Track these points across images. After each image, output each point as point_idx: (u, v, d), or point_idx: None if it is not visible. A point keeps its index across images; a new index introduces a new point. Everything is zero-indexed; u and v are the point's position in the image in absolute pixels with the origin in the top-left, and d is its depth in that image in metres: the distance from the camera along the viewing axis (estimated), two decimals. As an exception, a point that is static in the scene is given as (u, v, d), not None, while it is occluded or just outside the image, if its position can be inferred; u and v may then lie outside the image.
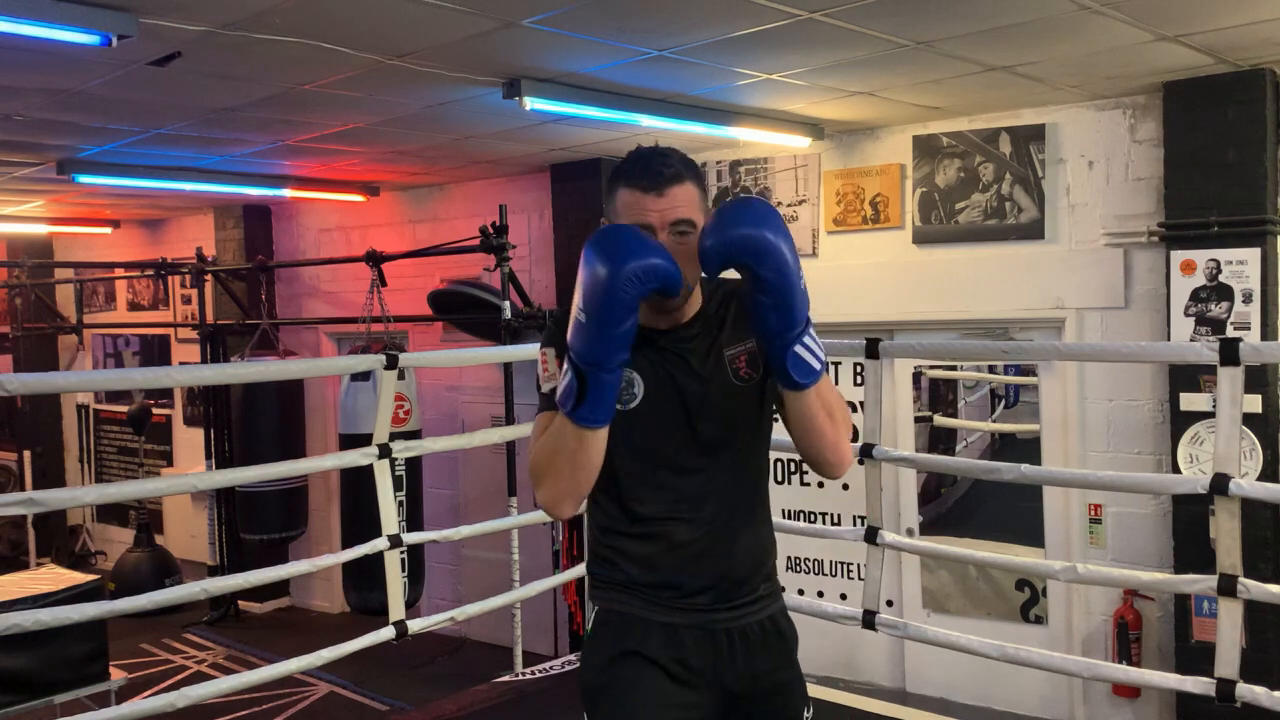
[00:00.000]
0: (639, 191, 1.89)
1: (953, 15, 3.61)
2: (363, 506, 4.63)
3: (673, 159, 1.92)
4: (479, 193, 7.25)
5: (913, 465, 5.25)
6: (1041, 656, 3.53)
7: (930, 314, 5.46)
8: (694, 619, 2.01)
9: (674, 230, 1.88)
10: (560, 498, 1.92)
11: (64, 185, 6.91)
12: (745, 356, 2.01)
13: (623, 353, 1.79)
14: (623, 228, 1.85)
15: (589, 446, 1.86)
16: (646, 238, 1.81)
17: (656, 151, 1.94)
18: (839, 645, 5.83)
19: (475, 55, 3.94)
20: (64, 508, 9.05)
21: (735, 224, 1.77)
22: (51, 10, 3.12)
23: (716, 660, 2.01)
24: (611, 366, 1.79)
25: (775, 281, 1.77)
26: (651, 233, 1.87)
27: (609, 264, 1.74)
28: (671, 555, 2.01)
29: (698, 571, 2.01)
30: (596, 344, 1.77)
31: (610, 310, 1.75)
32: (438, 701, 4.25)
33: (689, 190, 1.91)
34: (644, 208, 1.88)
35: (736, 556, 2.03)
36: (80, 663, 4.95)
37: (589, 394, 1.79)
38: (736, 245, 1.76)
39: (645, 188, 1.89)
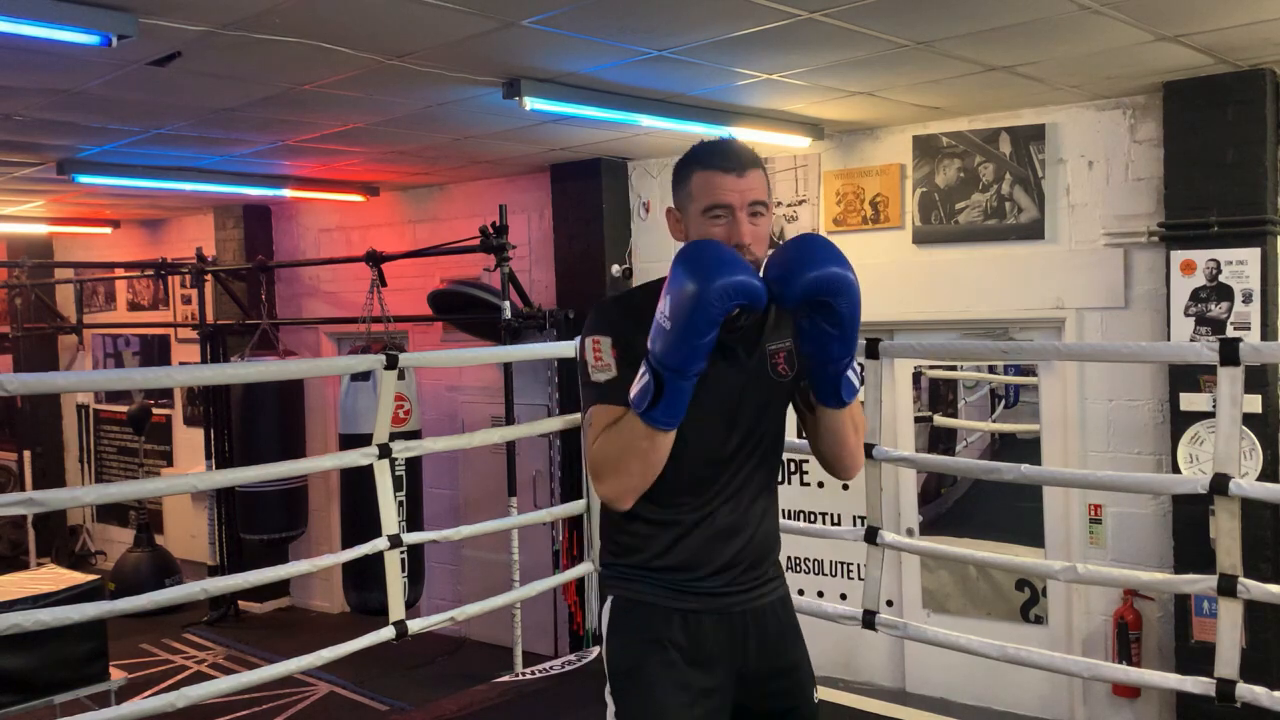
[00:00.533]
0: (720, 172, 1.98)
1: (953, 15, 3.61)
2: (363, 506, 4.62)
3: (747, 146, 2.04)
4: (479, 193, 7.25)
5: (913, 465, 5.24)
6: (1041, 656, 3.53)
7: (930, 314, 5.46)
8: (712, 604, 2.08)
9: (751, 210, 1.98)
10: (626, 493, 1.99)
11: (64, 185, 6.91)
12: (784, 354, 2.09)
13: (702, 361, 1.86)
14: (716, 244, 1.91)
15: (660, 447, 1.93)
16: (737, 255, 1.89)
17: (730, 140, 2.06)
18: (839, 645, 5.83)
19: (475, 55, 3.94)
20: (64, 508, 9.05)
21: (820, 261, 1.87)
22: (51, 10, 3.12)
23: (733, 643, 2.09)
24: (691, 374, 1.86)
25: (849, 316, 1.90)
26: (730, 212, 1.96)
27: (701, 277, 1.81)
28: (699, 542, 2.08)
29: (722, 557, 2.08)
30: (679, 351, 1.83)
31: (697, 321, 1.81)
32: (438, 701, 4.24)
33: (763, 175, 2.02)
34: (725, 187, 1.97)
35: (756, 541, 2.13)
36: (80, 663, 4.95)
37: (665, 398, 1.86)
38: (823, 282, 1.86)
39: (726, 169, 1.98)
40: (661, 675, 2.06)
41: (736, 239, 1.96)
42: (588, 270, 6.47)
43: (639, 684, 2.08)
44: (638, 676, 2.08)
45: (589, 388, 2.03)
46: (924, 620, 5.41)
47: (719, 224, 1.98)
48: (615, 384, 1.97)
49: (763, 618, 2.13)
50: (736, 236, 1.96)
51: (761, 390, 2.08)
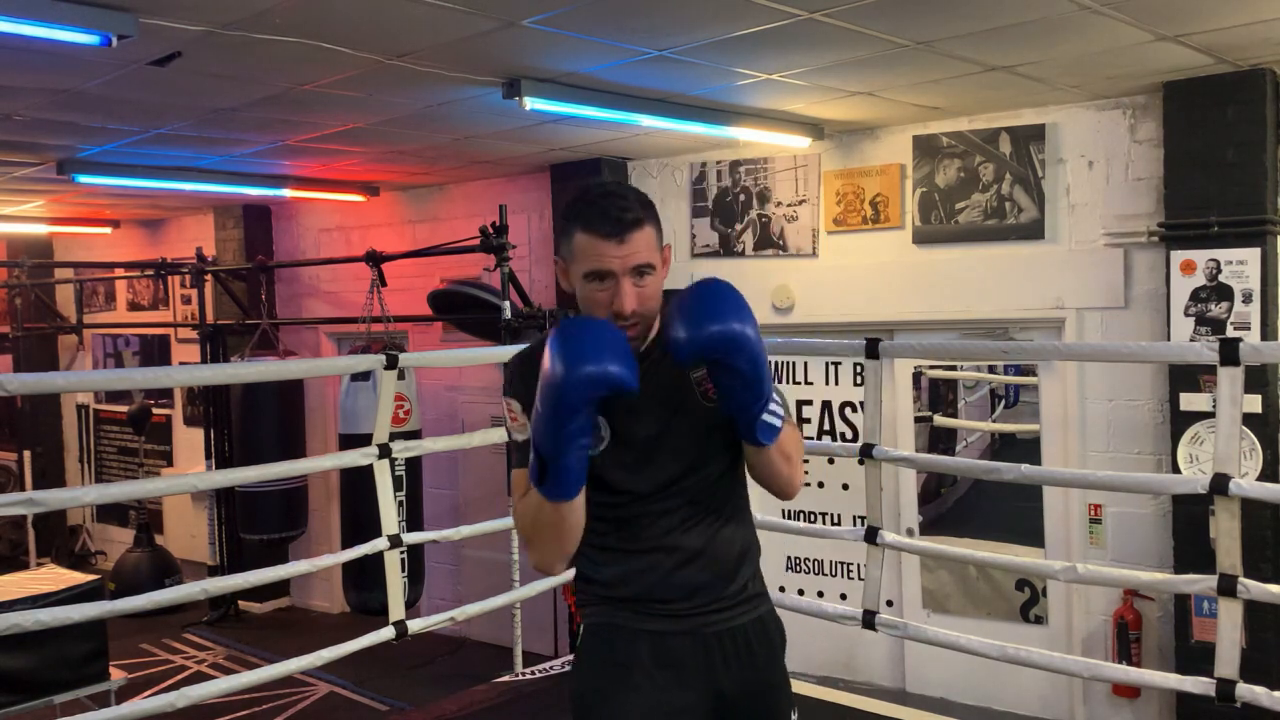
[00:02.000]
0: (599, 238, 1.87)
1: (953, 15, 3.61)
2: (363, 506, 4.63)
3: (631, 202, 1.91)
4: (479, 193, 7.25)
5: (913, 465, 5.24)
6: (1041, 656, 3.53)
7: (930, 314, 5.46)
8: (682, 625, 2.03)
9: (635, 274, 1.89)
10: (550, 561, 1.96)
11: (64, 185, 6.91)
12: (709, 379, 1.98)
13: (579, 440, 1.80)
14: (587, 325, 1.84)
15: (567, 515, 1.89)
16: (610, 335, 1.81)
17: (614, 194, 1.92)
18: (839, 645, 5.83)
19: (475, 55, 3.94)
20: (64, 508, 9.05)
21: (707, 319, 1.80)
22: (51, 10, 3.12)
23: (707, 663, 2.03)
24: (569, 454, 1.80)
25: (749, 371, 1.83)
26: (614, 279, 1.88)
27: (564, 365, 1.75)
28: (654, 574, 2.03)
29: (681, 585, 2.03)
30: (551, 438, 1.79)
31: (561, 410, 1.76)
32: (438, 701, 4.25)
33: (648, 234, 1.90)
34: (605, 254, 1.87)
35: (721, 561, 2.06)
36: (80, 663, 4.95)
37: (550, 476, 1.82)
38: (712, 343, 1.79)
39: (605, 234, 1.87)
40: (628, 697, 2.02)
41: (619, 307, 1.88)
42: (588, 270, 6.46)
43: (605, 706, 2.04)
44: (602, 699, 2.04)
45: (510, 448, 2.03)
46: (924, 620, 5.41)
47: (602, 289, 1.90)
48: (526, 447, 1.91)
49: (738, 638, 2.06)
50: (619, 304, 1.88)
51: (693, 418, 2.00)
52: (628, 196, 1.92)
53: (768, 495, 2.15)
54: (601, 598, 2.09)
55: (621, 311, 1.89)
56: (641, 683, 2.02)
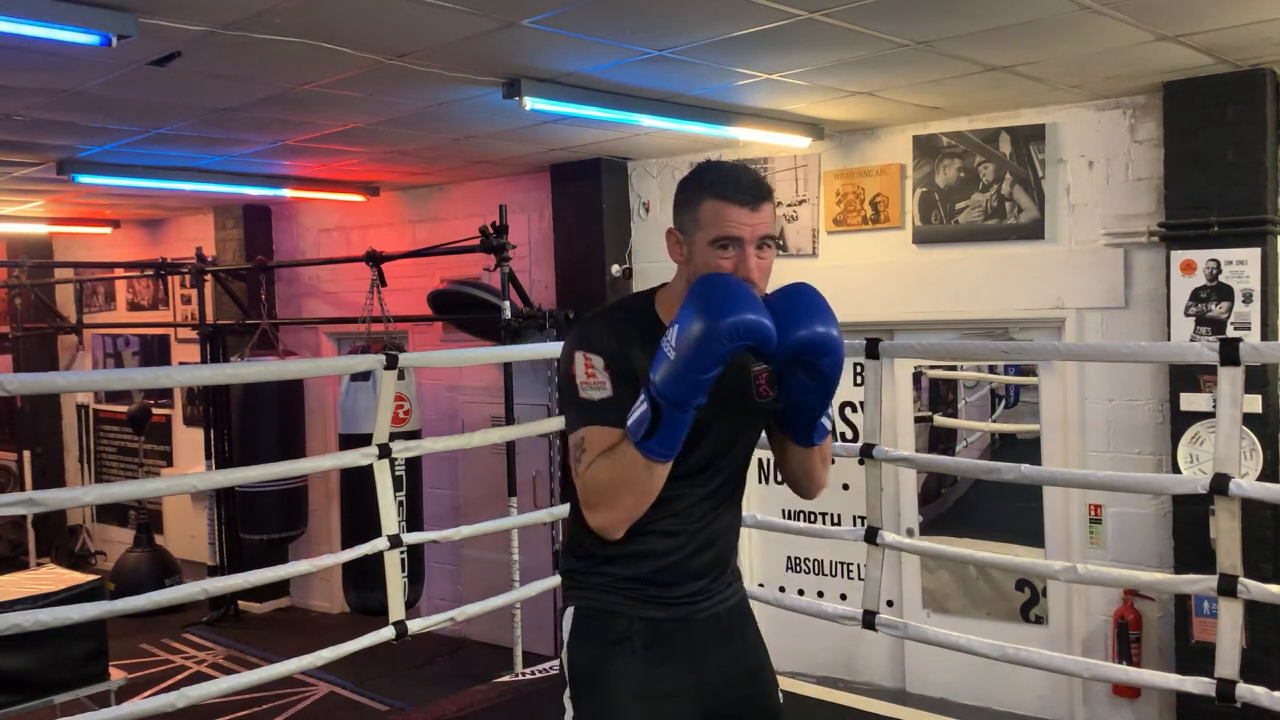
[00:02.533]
0: (734, 205, 1.91)
1: (953, 15, 3.61)
2: (363, 506, 4.62)
3: (760, 176, 1.99)
4: (479, 193, 7.25)
5: (913, 465, 5.24)
6: (1041, 656, 3.53)
7: (930, 314, 5.46)
8: (676, 612, 2.08)
9: (760, 244, 1.94)
10: (620, 524, 1.96)
11: (64, 185, 6.91)
12: (767, 375, 2.05)
13: (703, 396, 1.83)
14: (730, 279, 1.87)
15: (657, 477, 1.90)
16: (751, 292, 1.85)
17: (742, 167, 2.00)
18: (839, 645, 5.83)
19: (475, 55, 3.94)
20: (64, 508, 9.05)
21: (809, 320, 1.88)
22: (51, 10, 3.12)
23: (697, 648, 2.09)
24: (690, 407, 1.83)
25: (831, 375, 1.93)
26: (739, 245, 1.92)
27: (712, 313, 1.78)
28: (673, 556, 2.06)
29: (693, 569, 2.09)
30: (680, 384, 1.80)
31: (702, 357, 1.79)
32: (438, 701, 4.25)
33: (771, 208, 1.99)
34: (738, 220, 1.91)
35: (723, 551, 2.15)
36: (80, 663, 4.94)
37: (662, 430, 1.83)
38: (811, 343, 1.88)
39: (741, 201, 1.91)
40: (621, 679, 2.04)
41: (744, 273, 1.91)
42: (588, 270, 6.47)
43: (598, 688, 2.06)
44: (597, 681, 2.06)
45: (579, 406, 1.95)
46: (924, 620, 5.41)
47: (726, 257, 1.92)
48: (610, 404, 1.91)
49: (725, 621, 2.14)
50: (744, 271, 1.91)
51: (741, 409, 2.06)
52: (754, 171, 2.01)
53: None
54: (599, 581, 2.08)
55: (749, 276, 1.91)
56: (633, 665, 2.04)
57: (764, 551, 6.09)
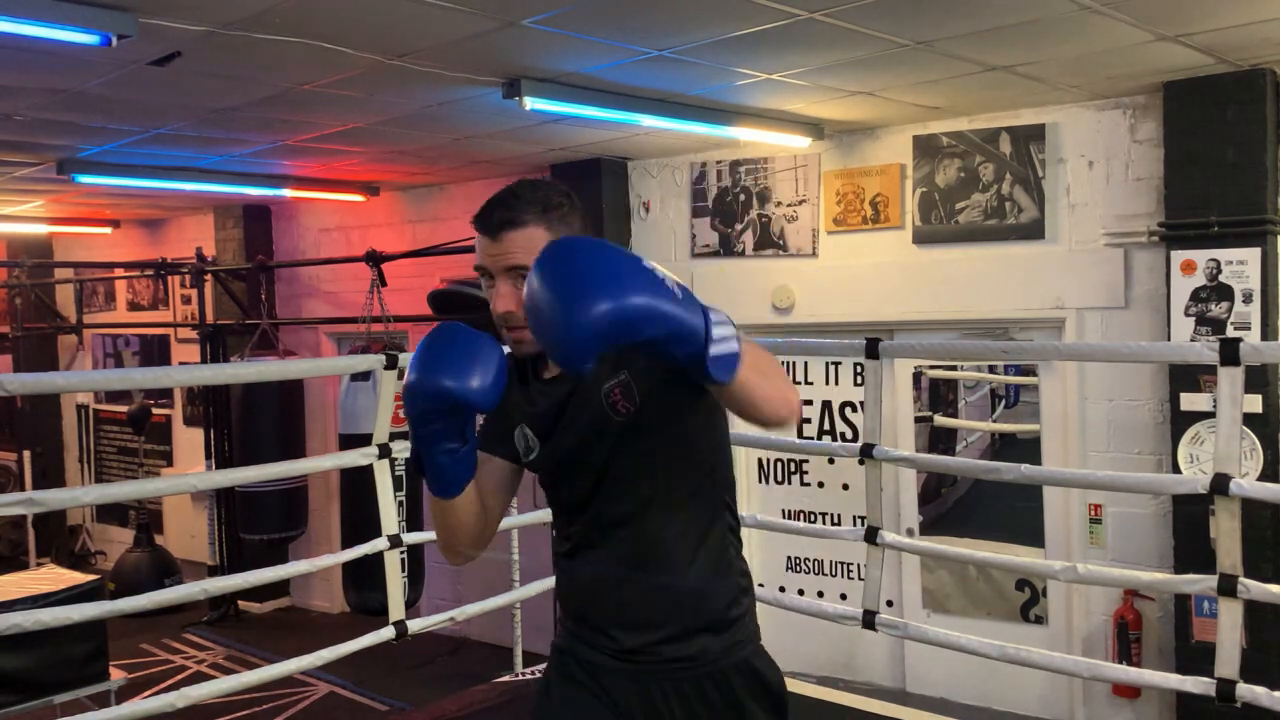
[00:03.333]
0: (480, 234, 1.83)
1: (953, 15, 3.61)
2: (363, 506, 4.62)
3: (518, 200, 1.80)
4: (479, 193, 7.20)
5: (913, 465, 5.24)
6: (1041, 656, 3.53)
7: (930, 314, 5.46)
8: (618, 665, 1.93)
9: (510, 275, 1.80)
10: (444, 551, 2.01)
11: (64, 185, 6.91)
12: (619, 390, 1.82)
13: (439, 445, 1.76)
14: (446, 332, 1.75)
15: (448, 513, 1.88)
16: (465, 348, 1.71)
17: (508, 191, 1.83)
18: (839, 645, 5.83)
19: (475, 55, 3.94)
20: (64, 508, 9.05)
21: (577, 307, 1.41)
22: (51, 10, 3.12)
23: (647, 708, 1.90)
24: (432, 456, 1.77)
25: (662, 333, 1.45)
26: (489, 278, 1.83)
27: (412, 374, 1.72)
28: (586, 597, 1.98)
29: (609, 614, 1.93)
30: (416, 441, 1.78)
31: (410, 416, 1.75)
32: (438, 701, 4.25)
33: (529, 234, 1.78)
34: (483, 251, 1.83)
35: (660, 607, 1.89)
36: (80, 663, 4.94)
37: (427, 474, 1.82)
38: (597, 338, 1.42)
39: (484, 230, 1.82)
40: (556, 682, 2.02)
41: (496, 307, 1.82)
42: (588, 270, 6.46)
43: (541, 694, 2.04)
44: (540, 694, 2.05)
45: None
46: (924, 620, 5.41)
47: (488, 289, 1.84)
48: None
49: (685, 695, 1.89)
50: (493, 304, 1.82)
51: (607, 432, 1.84)
52: (520, 196, 1.81)
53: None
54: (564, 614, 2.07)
55: (496, 309, 1.82)
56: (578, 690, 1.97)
57: (764, 551, 6.09)
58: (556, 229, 1.82)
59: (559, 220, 1.84)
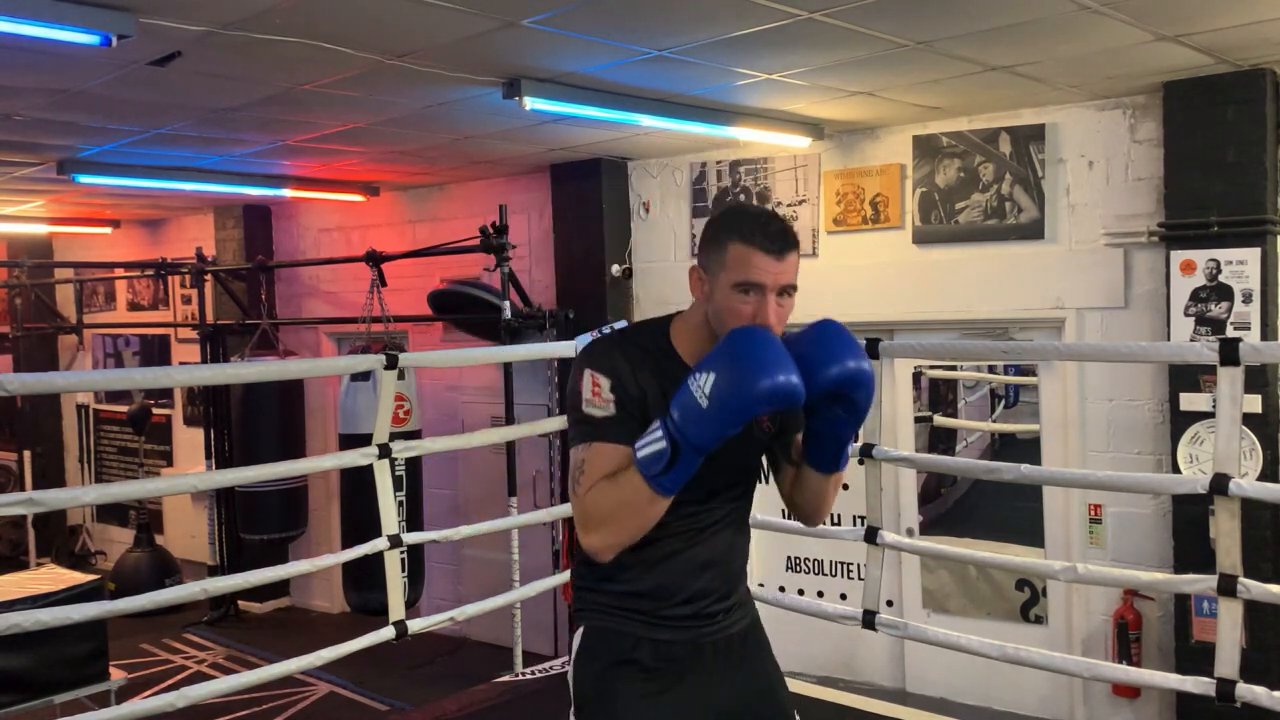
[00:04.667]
0: (760, 251, 1.94)
1: (953, 15, 3.61)
2: (363, 506, 4.62)
3: (788, 224, 2.01)
4: (479, 193, 7.24)
5: (913, 465, 5.24)
6: (1041, 656, 3.53)
7: (930, 314, 5.46)
8: (682, 634, 2.10)
9: (782, 293, 1.97)
10: (613, 549, 1.99)
11: (64, 185, 6.91)
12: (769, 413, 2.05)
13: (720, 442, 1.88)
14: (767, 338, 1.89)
15: (659, 509, 1.94)
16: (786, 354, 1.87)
17: (771, 213, 2.03)
18: (839, 645, 5.83)
19: (475, 55, 3.94)
20: (64, 508, 9.04)
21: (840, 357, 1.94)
22: (51, 10, 3.12)
23: (708, 672, 2.12)
24: (707, 449, 1.87)
25: (864, 406, 1.99)
26: (761, 291, 1.94)
27: (750, 373, 1.82)
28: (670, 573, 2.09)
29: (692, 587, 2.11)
30: (708, 433, 1.85)
31: (735, 413, 1.84)
32: (438, 701, 4.25)
33: (796, 257, 2.00)
34: (763, 268, 1.94)
35: (726, 574, 2.17)
36: (80, 663, 4.95)
37: (677, 469, 1.87)
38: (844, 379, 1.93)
39: (767, 249, 1.94)
40: (627, 698, 2.06)
41: (762, 319, 1.94)
42: (588, 270, 6.47)
43: (604, 707, 2.08)
44: (603, 700, 2.08)
45: (584, 422, 2.00)
46: (924, 620, 5.41)
47: (747, 301, 1.95)
48: (613, 423, 1.97)
49: (735, 646, 2.17)
50: (763, 317, 1.94)
51: (744, 442, 2.04)
52: (782, 219, 2.02)
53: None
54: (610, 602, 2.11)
55: (767, 321, 1.95)
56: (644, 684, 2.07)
57: (764, 551, 6.09)
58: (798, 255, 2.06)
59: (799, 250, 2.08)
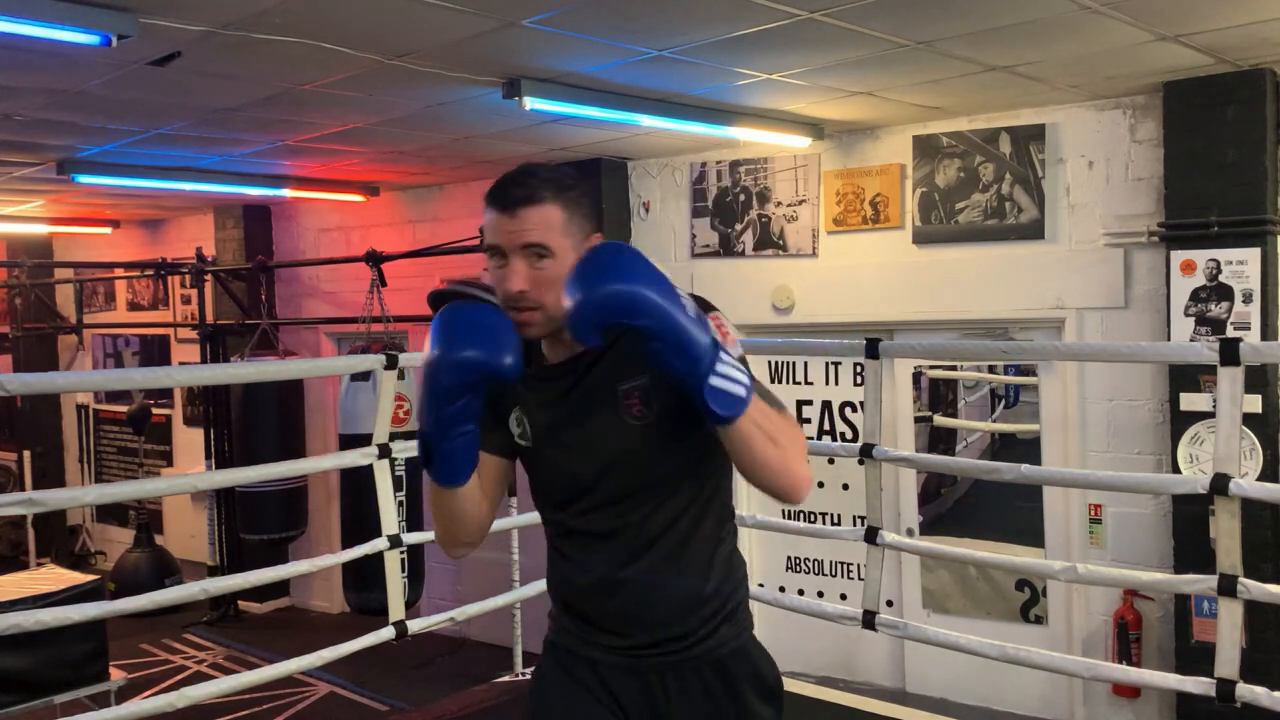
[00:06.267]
0: (493, 211, 1.80)
1: (953, 15, 3.61)
2: (363, 506, 4.63)
3: (534, 179, 1.79)
4: (479, 193, 7.14)
5: (913, 465, 5.25)
6: (1041, 656, 3.53)
7: (930, 314, 5.46)
8: (615, 658, 1.94)
9: (525, 254, 1.78)
10: (445, 543, 1.97)
11: (64, 185, 6.91)
12: (638, 393, 1.83)
13: (459, 426, 1.74)
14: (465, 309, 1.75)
15: (451, 502, 1.86)
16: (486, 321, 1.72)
17: (522, 170, 1.82)
18: (839, 645, 5.83)
19: (475, 55, 3.94)
20: (64, 508, 9.05)
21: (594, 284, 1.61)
22: (51, 10, 3.12)
23: (647, 699, 1.92)
24: (449, 439, 1.75)
25: (659, 327, 1.60)
26: (501, 255, 1.79)
27: (435, 347, 1.71)
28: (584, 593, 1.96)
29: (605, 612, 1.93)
30: (429, 420, 1.75)
31: (434, 393, 1.72)
32: (438, 701, 4.25)
33: (546, 212, 1.78)
34: (495, 229, 1.80)
35: (647, 601, 1.90)
36: (80, 663, 4.95)
37: (434, 462, 1.79)
38: (603, 308, 1.60)
39: (498, 208, 1.79)
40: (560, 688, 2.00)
41: (505, 287, 1.78)
42: (588, 270, 6.46)
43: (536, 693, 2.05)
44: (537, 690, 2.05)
45: None
46: (924, 620, 5.41)
47: (499, 268, 1.80)
48: None
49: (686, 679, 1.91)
50: (505, 283, 1.78)
51: (616, 438, 1.85)
52: (532, 173, 1.81)
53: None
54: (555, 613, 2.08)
55: (510, 288, 1.77)
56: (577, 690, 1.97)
57: (764, 551, 6.09)
58: (572, 209, 1.82)
59: (573, 201, 1.83)
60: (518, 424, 1.95)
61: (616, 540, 1.89)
